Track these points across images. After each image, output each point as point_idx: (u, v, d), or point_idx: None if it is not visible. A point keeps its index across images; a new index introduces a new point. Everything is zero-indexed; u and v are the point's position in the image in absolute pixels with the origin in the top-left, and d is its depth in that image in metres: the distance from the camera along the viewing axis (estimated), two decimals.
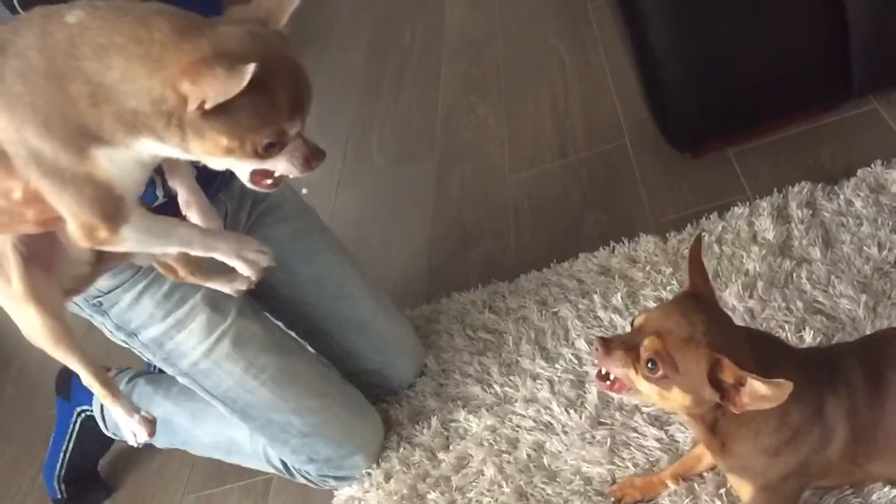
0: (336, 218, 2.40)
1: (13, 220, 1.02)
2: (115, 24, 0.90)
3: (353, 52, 3.30)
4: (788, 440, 1.12)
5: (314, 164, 1.01)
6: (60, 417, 1.94)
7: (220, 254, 1.14)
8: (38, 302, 1.11)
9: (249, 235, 1.20)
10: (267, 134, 0.94)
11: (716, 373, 1.03)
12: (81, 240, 1.00)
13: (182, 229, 1.10)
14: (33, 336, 1.14)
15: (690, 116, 1.91)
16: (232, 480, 1.86)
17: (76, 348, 1.18)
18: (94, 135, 0.93)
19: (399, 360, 1.78)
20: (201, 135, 0.93)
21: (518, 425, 1.59)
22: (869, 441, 1.13)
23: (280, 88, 0.93)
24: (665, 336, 1.05)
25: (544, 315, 1.77)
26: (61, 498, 1.93)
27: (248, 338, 1.53)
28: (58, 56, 0.90)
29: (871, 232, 1.58)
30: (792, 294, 1.55)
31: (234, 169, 1.02)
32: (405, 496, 1.58)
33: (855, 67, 1.77)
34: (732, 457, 1.16)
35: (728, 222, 1.75)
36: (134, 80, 0.90)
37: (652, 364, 1.06)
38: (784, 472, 1.15)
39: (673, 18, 1.74)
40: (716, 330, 1.06)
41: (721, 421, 1.12)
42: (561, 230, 2.02)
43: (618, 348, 1.09)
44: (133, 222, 1.01)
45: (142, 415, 1.23)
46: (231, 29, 0.92)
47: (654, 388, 1.08)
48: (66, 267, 1.15)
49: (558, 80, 2.56)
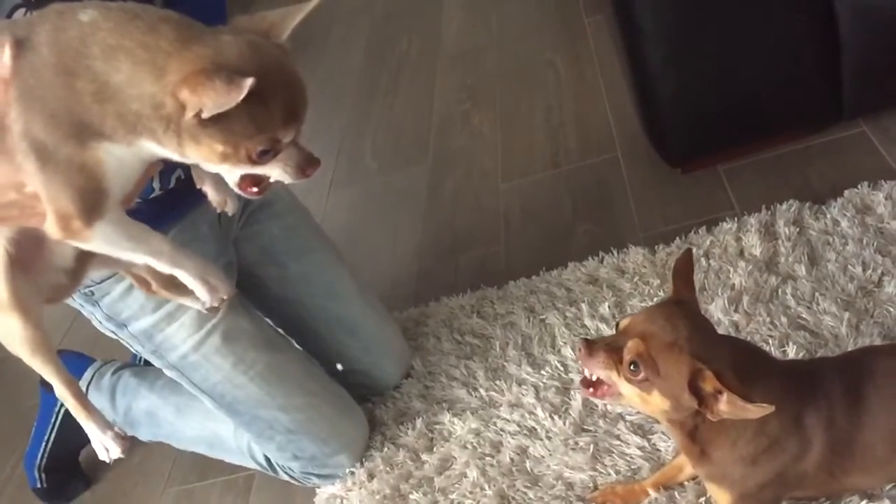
0: (327, 219, 2.41)
1: (24, 213, 1.04)
2: (125, 27, 0.93)
3: (350, 57, 3.32)
4: (766, 449, 1.13)
5: (309, 171, 1.03)
6: (43, 407, 1.94)
7: (186, 272, 1.13)
8: (22, 310, 1.11)
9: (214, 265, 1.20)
10: (261, 141, 0.96)
11: (696, 380, 1.04)
12: (54, 228, 1.01)
13: (155, 241, 1.10)
14: (11, 344, 1.14)
15: (682, 132, 1.94)
16: (214, 476, 1.86)
17: (53, 359, 1.18)
18: (97, 130, 0.95)
19: (386, 361, 1.79)
20: (197, 141, 0.95)
21: (502, 429, 1.60)
22: (845, 453, 1.15)
23: (275, 98, 0.95)
24: (648, 339, 1.07)
25: (532, 322, 1.79)
26: (41, 487, 1.93)
27: (238, 333, 1.54)
28: (68, 52, 0.93)
29: (856, 251, 1.61)
30: (777, 309, 1.57)
31: (225, 174, 1.04)
32: (388, 496, 1.58)
33: (845, 90, 1.80)
34: (711, 464, 1.17)
35: (716, 237, 1.77)
36: (138, 84, 0.92)
37: (634, 366, 1.07)
38: (761, 482, 1.16)
39: (668, 35, 1.77)
40: (699, 336, 1.08)
41: (700, 428, 1.13)
42: (551, 239, 2.04)
43: (601, 350, 1.10)
44: (109, 220, 1.02)
45: (115, 431, 1.22)
46: (233, 39, 0.94)
47: (636, 391, 1.09)
48: (47, 274, 1.16)
49: (553, 92, 2.58)
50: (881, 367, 1.17)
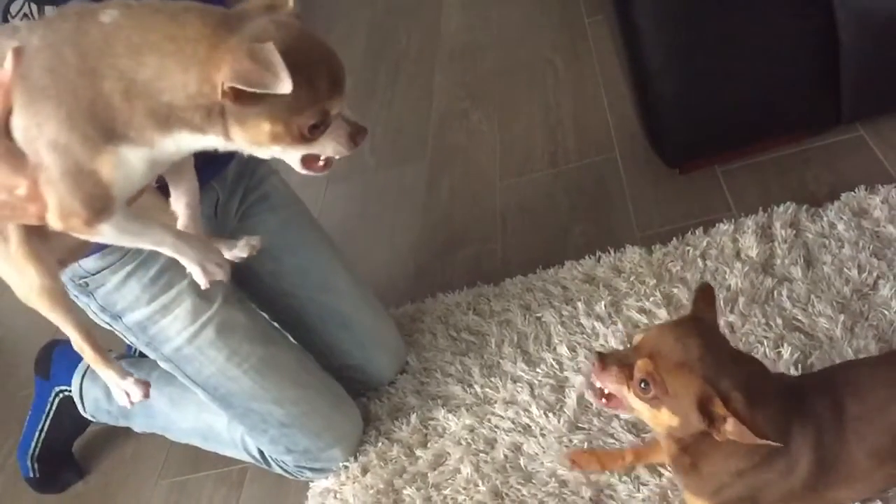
0: (324, 214, 2.41)
1: (15, 214, 1.03)
2: (148, 22, 0.93)
3: (349, 52, 3.31)
4: (756, 465, 1.14)
5: (359, 140, 1.03)
6: (38, 396, 1.94)
7: (186, 259, 1.14)
8: (38, 261, 1.10)
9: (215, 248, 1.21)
10: (311, 115, 0.96)
11: (705, 403, 1.06)
12: (56, 222, 1.01)
13: (157, 231, 1.10)
14: (29, 296, 1.13)
15: (681, 133, 1.94)
16: (207, 468, 1.86)
17: (71, 310, 1.18)
18: (121, 132, 0.95)
19: (381, 356, 1.79)
20: (243, 123, 0.95)
21: (496, 426, 1.61)
22: (831, 469, 1.15)
23: (317, 70, 0.95)
24: (657, 359, 1.08)
25: (528, 319, 1.79)
26: (34, 477, 1.93)
27: (232, 326, 1.54)
28: (91, 53, 0.92)
29: (852, 255, 1.62)
30: (772, 311, 1.58)
31: (284, 157, 1.03)
32: (381, 490, 1.59)
33: (844, 94, 1.80)
34: (699, 477, 1.18)
35: (713, 238, 1.78)
36: (168, 76, 0.92)
37: (644, 384, 1.09)
38: (741, 494, 1.17)
39: (669, 36, 1.77)
40: (710, 357, 1.08)
41: (697, 441, 1.14)
42: (548, 238, 2.04)
43: (613, 364, 1.12)
44: (114, 220, 1.02)
45: (134, 377, 1.22)
46: (259, 20, 0.94)
47: (646, 406, 1.11)
48: (61, 235, 1.16)
49: (552, 91, 2.58)
50: (863, 380, 1.17)
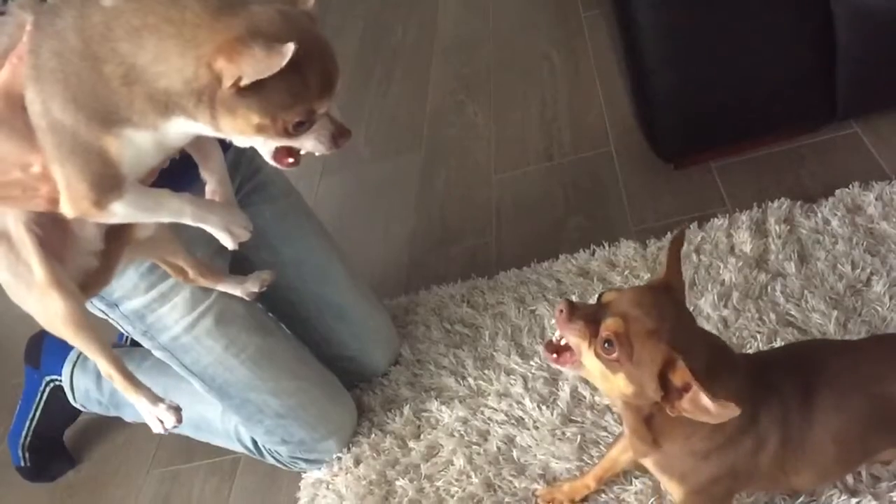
0: (318, 206, 2.40)
1: (26, 194, 1.03)
2: (148, 5, 0.92)
3: (344, 43, 3.30)
4: (720, 446, 1.12)
5: (341, 142, 1.03)
6: (28, 386, 1.93)
7: (210, 225, 1.15)
8: (60, 286, 1.10)
9: (237, 208, 1.21)
10: (298, 112, 0.96)
11: (666, 371, 1.01)
12: (68, 207, 1.01)
13: (174, 201, 1.10)
14: (54, 323, 1.13)
15: (677, 128, 1.94)
16: (199, 458, 1.86)
17: (98, 336, 1.17)
18: (124, 116, 0.95)
19: (375, 348, 1.79)
20: (233, 112, 0.94)
21: (490, 418, 1.61)
22: (797, 451, 1.13)
23: (311, 68, 0.94)
24: (630, 321, 1.02)
25: (522, 312, 1.79)
26: (25, 466, 1.92)
27: (230, 316, 1.53)
28: (93, 37, 0.93)
29: (846, 251, 1.63)
30: (766, 306, 1.59)
31: (259, 146, 1.03)
32: (374, 482, 1.59)
33: (839, 91, 1.81)
34: (662, 454, 1.15)
35: (707, 233, 1.78)
36: (166, 60, 0.92)
37: (608, 344, 1.03)
38: (713, 476, 1.14)
39: (665, 32, 1.77)
40: (680, 329, 1.04)
41: (657, 416, 1.09)
42: (542, 231, 2.05)
43: (580, 318, 1.05)
44: (125, 198, 1.02)
45: (167, 402, 1.22)
46: (262, 9, 0.94)
47: (600, 367, 1.05)
48: (77, 258, 1.15)
49: (548, 85, 2.58)
50: (833, 365, 1.15)
